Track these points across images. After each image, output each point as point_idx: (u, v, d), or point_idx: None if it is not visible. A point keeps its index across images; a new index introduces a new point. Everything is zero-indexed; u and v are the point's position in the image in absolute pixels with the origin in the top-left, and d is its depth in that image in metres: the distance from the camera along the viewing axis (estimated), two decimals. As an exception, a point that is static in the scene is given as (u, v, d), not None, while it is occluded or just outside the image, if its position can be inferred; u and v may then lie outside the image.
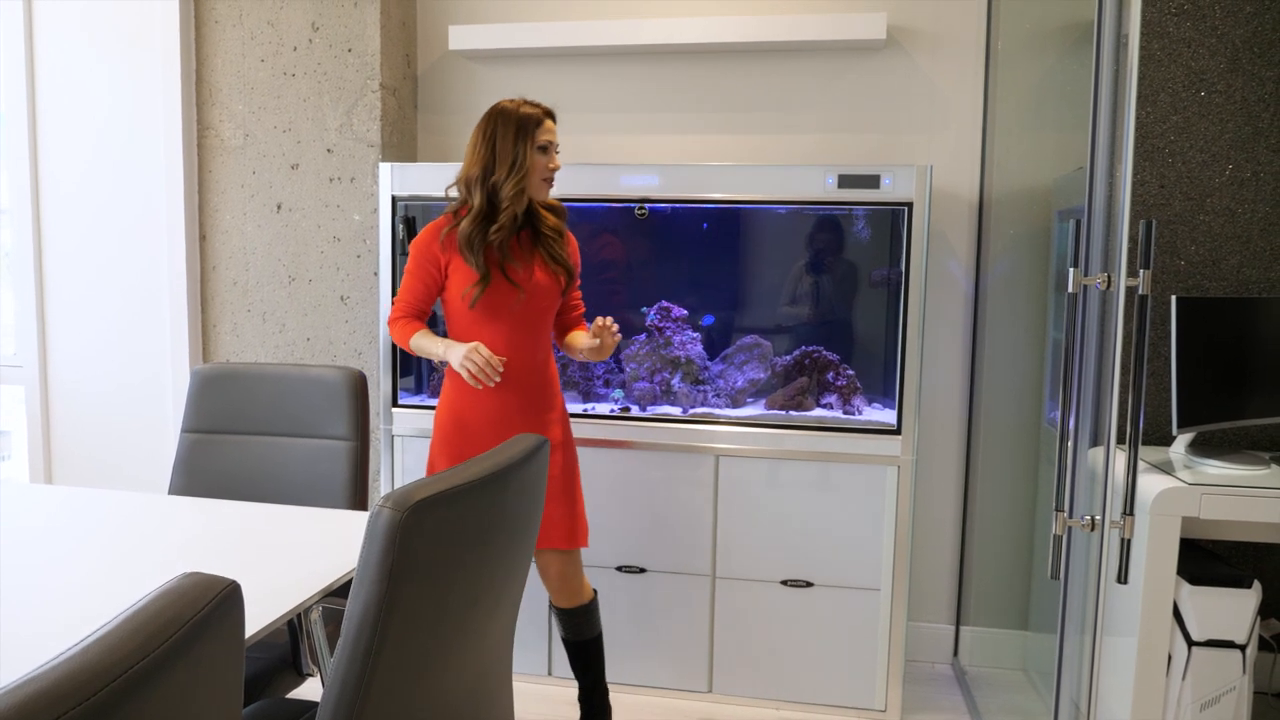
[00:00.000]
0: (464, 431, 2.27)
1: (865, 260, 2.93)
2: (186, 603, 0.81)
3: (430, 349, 2.23)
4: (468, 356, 2.11)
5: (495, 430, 2.22)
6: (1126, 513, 1.72)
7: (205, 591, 0.84)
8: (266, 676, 1.87)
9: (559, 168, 2.27)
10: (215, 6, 3.12)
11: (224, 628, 0.86)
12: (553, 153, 2.25)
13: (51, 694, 0.67)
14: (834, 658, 2.75)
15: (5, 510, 1.96)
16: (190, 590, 0.83)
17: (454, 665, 1.39)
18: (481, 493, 1.32)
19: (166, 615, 0.79)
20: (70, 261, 3.31)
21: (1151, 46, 2.47)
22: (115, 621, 0.77)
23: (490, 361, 2.11)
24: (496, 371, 2.12)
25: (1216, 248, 2.49)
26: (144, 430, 3.30)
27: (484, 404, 2.25)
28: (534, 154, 2.21)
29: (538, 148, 2.21)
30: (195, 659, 0.81)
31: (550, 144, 2.24)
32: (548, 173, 2.24)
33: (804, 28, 2.88)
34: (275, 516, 1.96)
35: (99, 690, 0.69)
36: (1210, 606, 2.15)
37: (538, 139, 2.21)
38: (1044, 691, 2.75)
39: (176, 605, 0.80)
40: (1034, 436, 2.90)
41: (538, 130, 2.21)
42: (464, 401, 2.27)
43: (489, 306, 2.22)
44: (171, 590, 0.83)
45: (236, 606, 0.88)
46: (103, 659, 0.71)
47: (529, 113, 2.22)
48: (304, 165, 3.10)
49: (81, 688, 0.68)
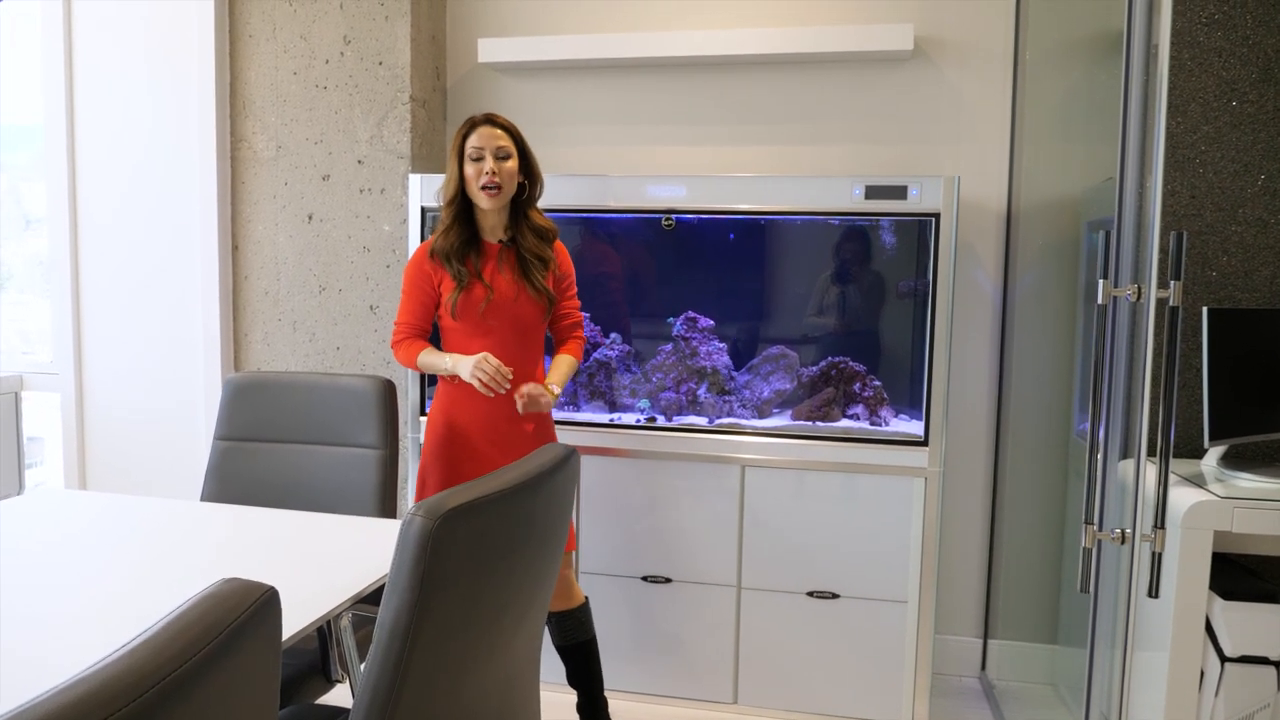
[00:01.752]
0: (454, 439, 2.33)
1: (892, 271, 2.93)
2: (227, 608, 0.83)
3: (438, 364, 2.29)
4: (478, 366, 2.18)
5: (485, 438, 2.31)
6: (1158, 526, 1.70)
7: (245, 597, 0.85)
8: (296, 682, 1.88)
9: (493, 172, 2.23)
10: (249, 20, 3.17)
11: (262, 632, 0.88)
12: (488, 159, 2.24)
13: (99, 696, 0.68)
14: (860, 670, 2.74)
15: (44, 516, 2.00)
16: (231, 595, 0.85)
17: (483, 672, 1.40)
18: (512, 501, 1.33)
19: (208, 620, 0.81)
20: (106, 270, 3.37)
21: (1182, 56, 2.46)
22: (158, 626, 0.78)
23: (500, 370, 2.18)
24: (506, 379, 2.19)
25: (1249, 258, 2.46)
26: (176, 437, 3.35)
27: (474, 412, 2.31)
28: (467, 165, 2.26)
29: (469, 159, 2.25)
30: (235, 663, 0.83)
31: (482, 151, 2.24)
32: (482, 180, 2.24)
33: (831, 39, 2.88)
34: (305, 523, 1.98)
35: (145, 692, 0.71)
36: (1244, 622, 2.13)
37: (466, 151, 2.26)
38: (1074, 707, 2.72)
39: (218, 610, 0.82)
40: (1063, 449, 2.88)
41: (465, 142, 2.27)
42: (455, 408, 2.32)
43: (476, 319, 2.27)
44: (212, 595, 0.84)
45: (275, 612, 0.90)
46: (148, 662, 0.73)
47: (459, 130, 2.29)
48: (335, 176, 3.14)
49: (128, 690, 0.70)
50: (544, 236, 2.35)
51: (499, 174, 2.24)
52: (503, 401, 2.30)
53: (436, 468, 2.33)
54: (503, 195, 2.27)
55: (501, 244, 2.33)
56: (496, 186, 2.24)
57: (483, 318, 2.27)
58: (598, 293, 2.98)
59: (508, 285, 2.29)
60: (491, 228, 2.33)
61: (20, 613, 1.45)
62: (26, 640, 1.35)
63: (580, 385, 2.99)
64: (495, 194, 2.25)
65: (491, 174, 2.23)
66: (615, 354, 2.98)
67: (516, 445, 2.29)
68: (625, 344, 3.00)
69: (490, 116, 2.29)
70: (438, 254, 2.30)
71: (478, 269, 2.29)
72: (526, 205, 2.35)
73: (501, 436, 2.31)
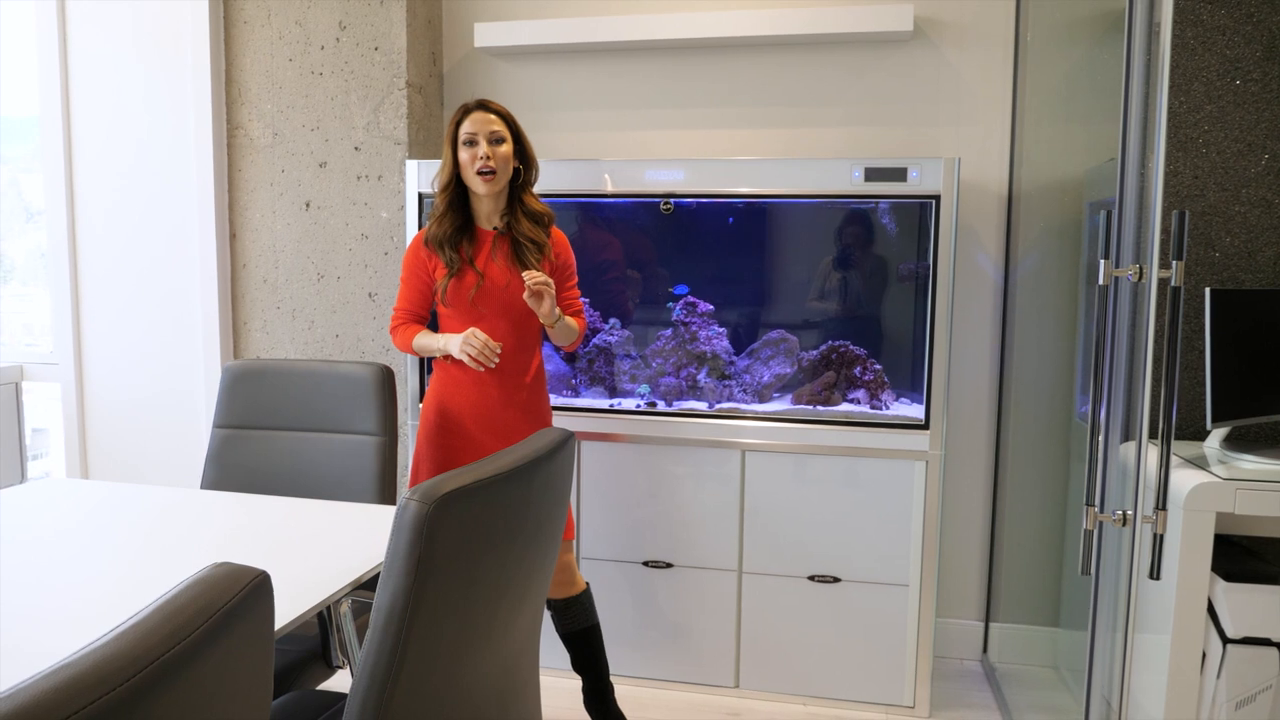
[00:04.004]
0: (448, 426, 2.33)
1: (893, 254, 2.91)
2: (217, 592, 0.82)
3: (430, 345, 2.31)
4: (466, 341, 2.19)
5: (478, 424, 2.31)
6: (1159, 508, 1.69)
7: (235, 581, 0.85)
8: (297, 668, 1.89)
9: (487, 156, 2.23)
10: (244, 7, 3.15)
11: (254, 617, 0.87)
12: (482, 144, 2.24)
13: (83, 681, 0.68)
14: (862, 653, 2.74)
15: (45, 505, 2.00)
16: (220, 580, 0.84)
17: (482, 657, 1.40)
18: (508, 486, 1.33)
19: (197, 604, 0.80)
20: (104, 260, 3.36)
21: (1185, 34, 2.43)
22: (147, 610, 0.78)
23: (488, 344, 2.18)
24: (495, 353, 2.20)
25: (1252, 239, 2.45)
26: (176, 426, 3.35)
27: (467, 397, 2.31)
28: (461, 150, 2.26)
29: (463, 144, 2.25)
30: (226, 647, 0.82)
31: (475, 136, 2.24)
32: (477, 165, 2.24)
33: (830, 20, 2.86)
34: (305, 510, 1.98)
35: (131, 677, 0.70)
36: (1246, 603, 2.12)
37: (460, 136, 2.26)
38: (1075, 689, 2.72)
39: (207, 595, 0.82)
40: (1064, 431, 2.87)
41: (458, 128, 2.27)
42: (448, 394, 2.33)
43: (466, 306, 2.27)
44: (202, 580, 0.84)
45: (266, 596, 0.89)
46: (134, 647, 0.73)
47: (453, 117, 2.29)
48: (332, 163, 3.13)
49: (115, 674, 0.70)
50: (539, 221, 2.34)
51: (493, 158, 2.23)
52: (496, 388, 2.30)
53: (430, 454, 2.33)
54: (498, 180, 2.26)
55: (496, 231, 2.32)
56: (491, 171, 2.23)
57: (474, 304, 2.27)
58: (596, 278, 2.97)
59: (500, 272, 2.28)
60: (487, 214, 2.33)
61: (19, 601, 1.45)
62: (25, 630, 1.35)
63: (580, 370, 2.98)
64: (490, 178, 2.24)
65: (486, 158, 2.22)
66: (615, 339, 2.97)
67: (511, 431, 2.29)
68: (625, 329, 2.99)
69: (483, 102, 2.29)
70: (431, 241, 2.30)
71: (470, 256, 2.29)
72: (521, 190, 2.34)
73: (495, 422, 2.31)
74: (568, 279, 2.42)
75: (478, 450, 2.27)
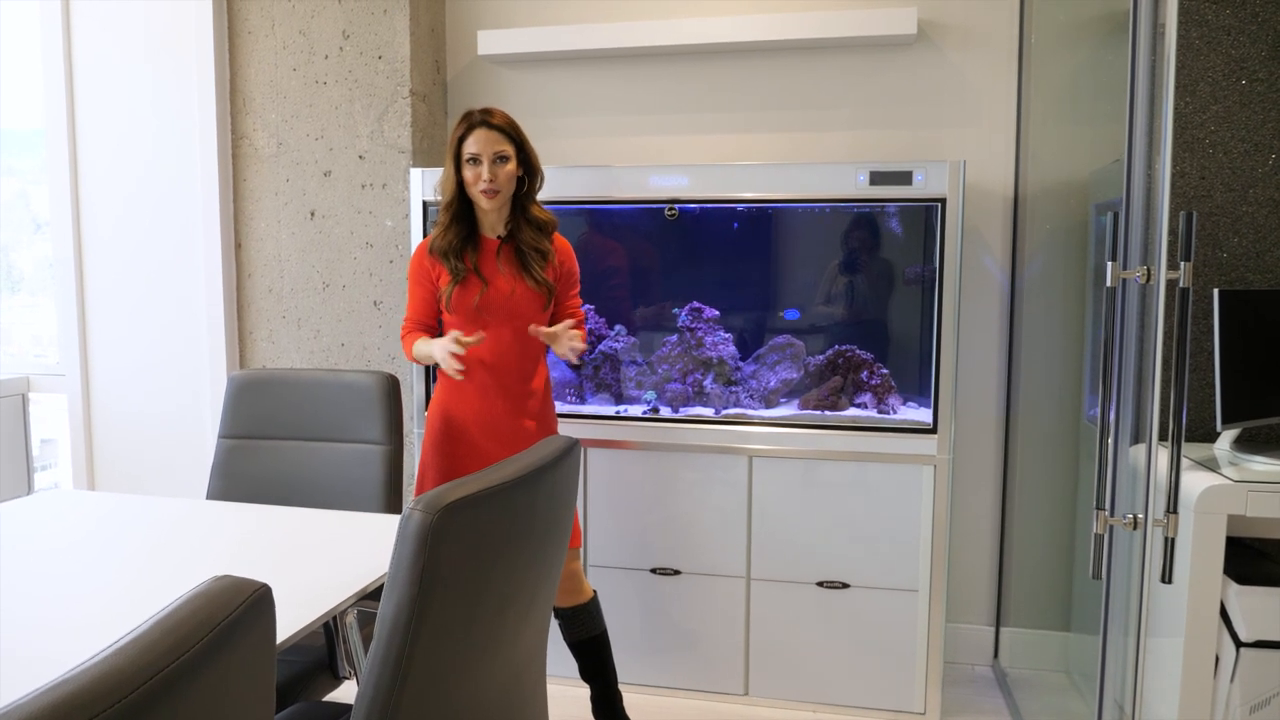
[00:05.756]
0: (452, 434, 2.32)
1: (898, 258, 2.90)
2: (218, 606, 0.82)
3: (426, 351, 2.28)
4: (442, 346, 2.15)
5: (483, 431, 2.30)
6: (1170, 511, 1.68)
7: (236, 594, 0.84)
8: (304, 679, 1.88)
9: (492, 179, 2.22)
10: (248, 17, 3.16)
11: (255, 630, 0.87)
12: (485, 165, 2.22)
13: (84, 696, 0.67)
14: (872, 660, 2.72)
15: (52, 516, 2.00)
16: (221, 593, 0.84)
17: (487, 668, 1.39)
18: (513, 494, 1.32)
19: (198, 618, 0.79)
20: (110, 271, 3.37)
21: (1190, 35, 2.42)
22: (147, 624, 0.77)
23: (458, 339, 2.13)
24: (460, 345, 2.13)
25: (1260, 239, 2.43)
26: (183, 436, 3.35)
27: (472, 405, 2.30)
28: (465, 169, 2.24)
29: (466, 162, 2.24)
30: (227, 661, 0.82)
31: (478, 155, 2.22)
32: (480, 185, 2.22)
33: (833, 24, 2.85)
34: (311, 520, 1.98)
35: (131, 692, 0.70)
36: (1259, 607, 2.10)
37: (463, 153, 2.24)
38: (1087, 694, 2.70)
39: (208, 608, 0.81)
40: (1073, 434, 2.85)
41: (461, 146, 2.25)
42: (452, 401, 2.32)
43: (470, 314, 2.26)
44: (203, 593, 0.83)
45: (267, 609, 0.89)
46: (135, 661, 0.72)
47: (456, 130, 2.27)
48: (336, 172, 3.13)
49: (114, 690, 0.69)
50: (542, 229, 2.33)
51: (496, 179, 2.23)
52: (501, 395, 2.30)
53: (436, 462, 2.33)
54: (501, 196, 2.26)
55: (500, 239, 2.32)
56: (495, 191, 2.24)
57: (477, 312, 2.26)
58: (601, 285, 2.96)
59: (504, 281, 2.28)
60: (491, 224, 2.33)
61: (26, 613, 1.45)
62: (32, 641, 1.35)
63: (586, 378, 2.97)
64: (494, 197, 2.25)
65: (490, 180, 2.22)
66: (620, 346, 2.96)
67: (516, 439, 2.28)
68: (630, 336, 2.99)
69: (487, 117, 2.25)
70: (435, 251, 2.30)
71: (475, 264, 2.29)
72: (526, 199, 2.33)
73: (501, 430, 2.30)
74: (570, 286, 2.41)
75: (483, 458, 2.26)
